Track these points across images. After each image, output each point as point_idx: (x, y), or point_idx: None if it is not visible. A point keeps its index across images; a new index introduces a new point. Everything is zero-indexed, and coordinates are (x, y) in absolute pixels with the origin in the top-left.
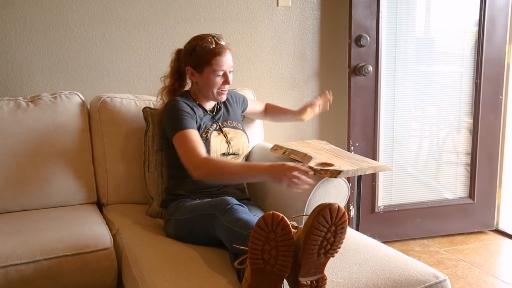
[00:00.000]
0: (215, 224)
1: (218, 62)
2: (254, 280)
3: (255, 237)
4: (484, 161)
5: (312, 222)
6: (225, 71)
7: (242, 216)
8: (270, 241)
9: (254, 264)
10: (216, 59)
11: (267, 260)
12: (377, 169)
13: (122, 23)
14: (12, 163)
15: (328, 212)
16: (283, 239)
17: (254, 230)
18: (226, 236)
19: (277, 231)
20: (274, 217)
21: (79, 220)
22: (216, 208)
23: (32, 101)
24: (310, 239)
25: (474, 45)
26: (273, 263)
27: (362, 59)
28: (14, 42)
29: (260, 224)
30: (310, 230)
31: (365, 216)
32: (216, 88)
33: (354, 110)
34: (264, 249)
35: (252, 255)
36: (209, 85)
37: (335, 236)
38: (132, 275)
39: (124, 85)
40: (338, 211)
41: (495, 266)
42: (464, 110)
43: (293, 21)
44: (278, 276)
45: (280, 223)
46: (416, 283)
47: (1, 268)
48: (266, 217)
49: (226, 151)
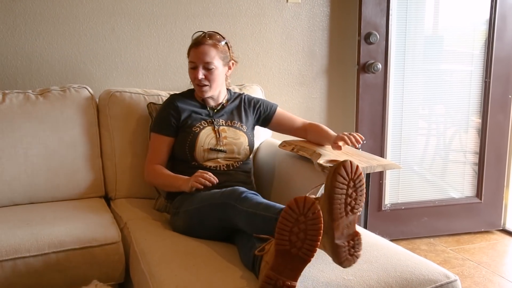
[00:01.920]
0: (231, 213)
1: (192, 53)
2: (277, 262)
3: (285, 217)
4: (492, 160)
5: (332, 183)
6: (196, 64)
7: (261, 200)
8: (300, 223)
9: (279, 245)
10: (192, 51)
11: (294, 243)
12: (386, 167)
13: (132, 17)
14: (20, 155)
15: (343, 169)
16: (313, 223)
17: (284, 211)
18: (248, 221)
19: (307, 215)
20: (307, 200)
21: (87, 214)
22: (229, 197)
23: (41, 94)
24: (335, 199)
25: (484, 44)
26: (300, 246)
27: (371, 56)
28: (24, 35)
29: (292, 206)
30: (331, 190)
31: (371, 214)
32: (193, 80)
33: (362, 107)
34: (293, 231)
35: (279, 235)
36: (190, 77)
37: (356, 191)
38: (141, 269)
39: (132, 79)
40: (352, 166)
41: (502, 266)
42: (473, 109)
43: (303, 17)
44: (302, 260)
45: (312, 207)
46: (427, 282)
47: (10, 260)
48: (299, 200)
49: (214, 146)
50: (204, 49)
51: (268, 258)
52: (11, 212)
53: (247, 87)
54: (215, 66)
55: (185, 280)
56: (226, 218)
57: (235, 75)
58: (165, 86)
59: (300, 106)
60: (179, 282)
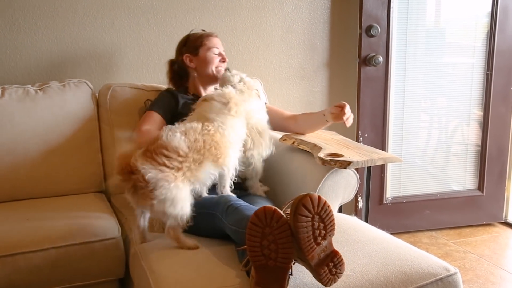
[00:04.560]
0: (221, 224)
1: (211, 41)
2: (259, 276)
3: (251, 234)
4: (494, 153)
5: (294, 223)
6: (219, 50)
7: (245, 214)
8: (268, 235)
9: (255, 262)
10: (209, 38)
11: (268, 255)
12: (387, 160)
13: (131, 11)
14: (20, 151)
15: (303, 208)
16: (279, 231)
17: (249, 228)
18: (233, 236)
19: (272, 225)
20: (267, 211)
21: (87, 209)
22: (216, 207)
23: (40, 89)
24: (301, 238)
25: (486, 36)
26: (274, 257)
27: (372, 49)
28: (23, 29)
29: (254, 221)
30: (296, 231)
31: (373, 207)
32: (214, 64)
33: (363, 100)
34: (263, 244)
35: (252, 253)
36: (207, 62)
37: (323, 220)
38: (140, 265)
39: (132, 73)
40: (312, 200)
41: (503, 259)
42: (475, 102)
43: (303, 10)
44: (281, 269)
45: (274, 216)
46: (427, 276)
47: (9, 256)
48: (258, 213)
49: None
50: (219, 40)
51: (252, 272)
52: (10, 207)
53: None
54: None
55: (185, 276)
56: (217, 228)
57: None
58: (165, 81)
59: (301, 99)
60: (179, 277)
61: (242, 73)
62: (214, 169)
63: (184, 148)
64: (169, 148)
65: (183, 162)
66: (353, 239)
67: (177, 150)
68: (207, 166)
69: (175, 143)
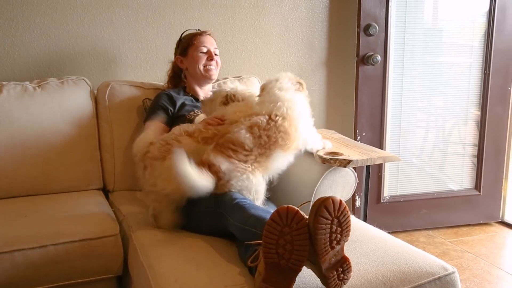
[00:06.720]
0: (225, 222)
1: (199, 40)
2: (268, 274)
3: (269, 231)
4: (491, 153)
5: (314, 224)
6: (208, 48)
7: (251, 212)
8: (285, 235)
9: (268, 259)
10: (197, 38)
11: (282, 255)
12: (386, 159)
13: (130, 8)
14: (18, 147)
15: (324, 210)
16: (298, 233)
17: (268, 224)
18: (239, 233)
19: (292, 225)
20: (289, 210)
21: (86, 206)
22: (221, 205)
23: (39, 86)
24: (318, 239)
25: (484, 36)
26: (288, 257)
27: (370, 48)
28: (21, 26)
29: (275, 218)
30: (314, 232)
31: (370, 206)
32: (201, 64)
33: (361, 99)
34: (279, 243)
35: (266, 250)
36: (194, 62)
37: (341, 225)
38: (140, 262)
39: (131, 71)
40: (334, 203)
41: (500, 258)
42: (472, 102)
43: (302, 9)
44: (292, 270)
45: (295, 217)
46: (425, 275)
47: (8, 253)
48: (281, 211)
49: None
50: (211, 38)
51: (260, 268)
52: (8, 204)
53: (244, 79)
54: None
55: (185, 273)
56: (220, 225)
57: (233, 67)
58: (163, 78)
59: None
60: (178, 275)
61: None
62: (287, 155)
63: (250, 144)
64: (235, 142)
65: (248, 155)
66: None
67: (243, 145)
68: (277, 156)
69: (241, 139)
